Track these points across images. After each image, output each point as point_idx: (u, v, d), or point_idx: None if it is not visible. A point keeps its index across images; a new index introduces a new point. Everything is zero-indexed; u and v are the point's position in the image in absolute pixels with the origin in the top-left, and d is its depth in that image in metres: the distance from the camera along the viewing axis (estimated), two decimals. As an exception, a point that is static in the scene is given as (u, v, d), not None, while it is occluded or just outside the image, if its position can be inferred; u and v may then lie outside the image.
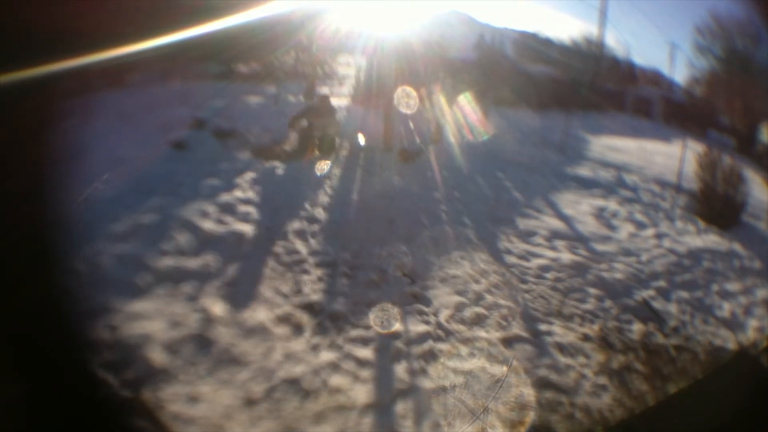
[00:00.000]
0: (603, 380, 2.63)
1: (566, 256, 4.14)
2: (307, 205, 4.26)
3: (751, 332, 3.60)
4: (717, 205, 6.32)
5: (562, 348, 2.86)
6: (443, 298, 3.17)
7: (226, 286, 2.85)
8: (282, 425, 2.00)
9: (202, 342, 2.35)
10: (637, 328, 3.26)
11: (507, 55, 14.21)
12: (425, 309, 3.01)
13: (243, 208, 3.92)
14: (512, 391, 2.40)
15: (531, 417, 2.26)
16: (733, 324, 3.63)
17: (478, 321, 2.98)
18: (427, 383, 2.37)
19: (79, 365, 1.88)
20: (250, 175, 4.65)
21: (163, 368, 2.13)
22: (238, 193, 4.16)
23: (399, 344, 2.64)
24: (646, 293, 3.77)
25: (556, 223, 4.99)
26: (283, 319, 2.67)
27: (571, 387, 2.53)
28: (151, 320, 2.40)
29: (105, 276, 2.64)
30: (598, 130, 11.87)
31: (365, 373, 2.39)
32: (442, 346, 2.68)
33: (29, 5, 2.46)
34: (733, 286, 4.28)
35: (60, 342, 1.80)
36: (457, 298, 3.17)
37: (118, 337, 2.25)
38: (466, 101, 9.30)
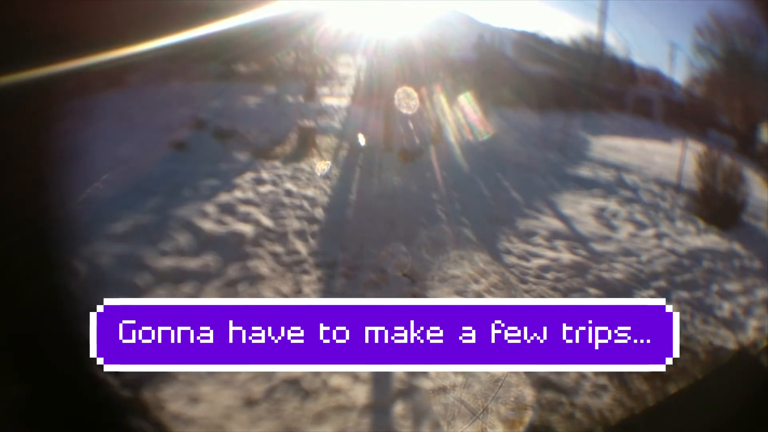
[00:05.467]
0: (603, 380, 2.63)
1: (566, 256, 4.14)
2: (306, 205, 4.26)
3: (751, 332, 3.59)
4: (717, 205, 6.30)
5: (562, 348, 2.86)
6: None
7: (226, 286, 2.85)
8: (282, 425, 2.00)
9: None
10: (637, 328, 3.26)
11: (507, 55, 14.21)
12: (425, 309, 3.01)
13: (243, 208, 3.92)
14: (512, 391, 2.40)
15: (531, 417, 2.26)
16: (733, 324, 3.62)
17: (478, 321, 2.97)
18: (427, 383, 2.37)
19: (79, 365, 1.88)
20: (249, 176, 4.66)
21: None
22: (238, 194, 4.16)
23: (399, 344, 2.63)
24: (647, 293, 3.77)
25: (556, 223, 4.98)
26: (283, 320, 2.66)
27: (571, 387, 2.53)
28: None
29: (105, 276, 2.64)
30: (598, 130, 11.87)
31: (365, 373, 2.38)
32: (442, 346, 2.67)
33: (31, 6, 2.46)
34: (733, 286, 4.28)
35: (60, 342, 1.80)
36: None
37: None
38: (466, 101, 9.31)
